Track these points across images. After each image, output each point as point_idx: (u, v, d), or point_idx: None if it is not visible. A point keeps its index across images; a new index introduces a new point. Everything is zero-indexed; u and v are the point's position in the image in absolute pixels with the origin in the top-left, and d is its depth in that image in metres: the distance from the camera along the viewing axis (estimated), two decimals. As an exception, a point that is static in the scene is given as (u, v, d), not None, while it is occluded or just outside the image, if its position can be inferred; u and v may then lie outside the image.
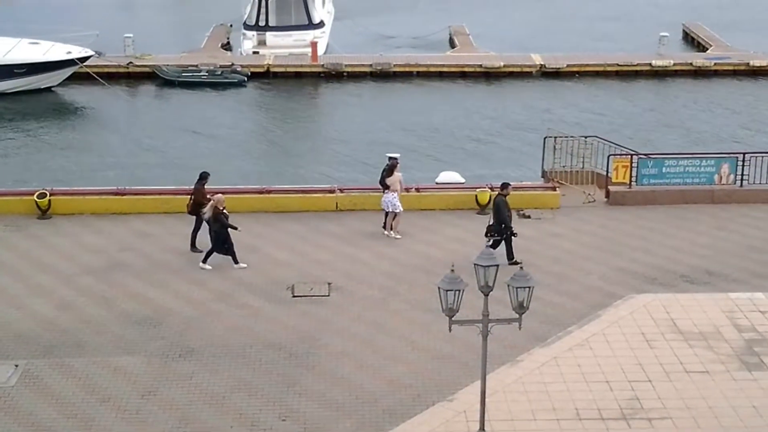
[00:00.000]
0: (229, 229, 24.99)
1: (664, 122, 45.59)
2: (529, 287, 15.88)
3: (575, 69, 52.86)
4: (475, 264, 15.88)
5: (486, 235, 24.82)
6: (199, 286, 24.01)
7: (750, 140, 41.96)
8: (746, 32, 61.75)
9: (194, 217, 25.99)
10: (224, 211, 25.06)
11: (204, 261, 25.16)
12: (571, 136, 31.66)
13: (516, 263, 24.01)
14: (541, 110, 46.70)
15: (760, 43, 57.33)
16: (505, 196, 25.35)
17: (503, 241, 24.89)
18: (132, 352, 20.89)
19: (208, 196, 25.67)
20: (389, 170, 27.29)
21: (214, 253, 25.13)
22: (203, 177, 26.45)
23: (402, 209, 27.17)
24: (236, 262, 25.14)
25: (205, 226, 25.56)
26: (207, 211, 24.94)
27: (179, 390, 19.40)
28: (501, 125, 44.85)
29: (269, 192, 29.73)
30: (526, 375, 18.96)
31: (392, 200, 27.09)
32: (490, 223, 25.10)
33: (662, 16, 65.64)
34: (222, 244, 25.06)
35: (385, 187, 27.14)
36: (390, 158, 28.02)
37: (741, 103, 48.44)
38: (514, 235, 24.98)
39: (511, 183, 26.41)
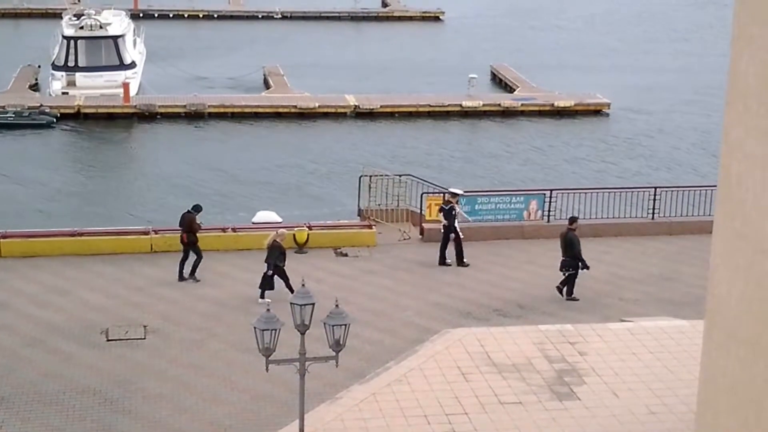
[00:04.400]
0: (284, 263, 25.33)
1: (476, 161, 46.83)
2: (345, 324, 15.97)
3: (389, 110, 53.76)
4: (291, 303, 15.91)
5: (561, 270, 25.61)
6: (8, 332, 23.15)
7: (556, 177, 43.50)
8: (550, 73, 64.21)
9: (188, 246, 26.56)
10: (280, 245, 25.28)
11: (291, 291, 24.60)
12: (386, 175, 32.17)
13: (575, 299, 25.20)
14: (356, 150, 47.27)
15: (564, 83, 59.73)
16: (574, 230, 25.76)
17: (570, 277, 25.50)
18: (-64, 404, 19.95)
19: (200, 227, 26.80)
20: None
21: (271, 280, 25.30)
22: (196, 208, 27.02)
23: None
24: (262, 297, 24.89)
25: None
26: (267, 241, 25.45)
27: (-13, 441, 18.65)
28: (317, 165, 45.14)
29: (81, 234, 29.01)
30: (345, 412, 19.01)
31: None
32: (564, 258, 25.52)
33: (471, 59, 67.50)
34: (280, 276, 25.14)
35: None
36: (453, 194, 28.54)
37: (547, 142, 50.23)
38: (587, 268, 25.55)
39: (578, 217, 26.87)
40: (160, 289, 26.01)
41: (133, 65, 56.91)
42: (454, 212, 28.08)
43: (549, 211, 30.69)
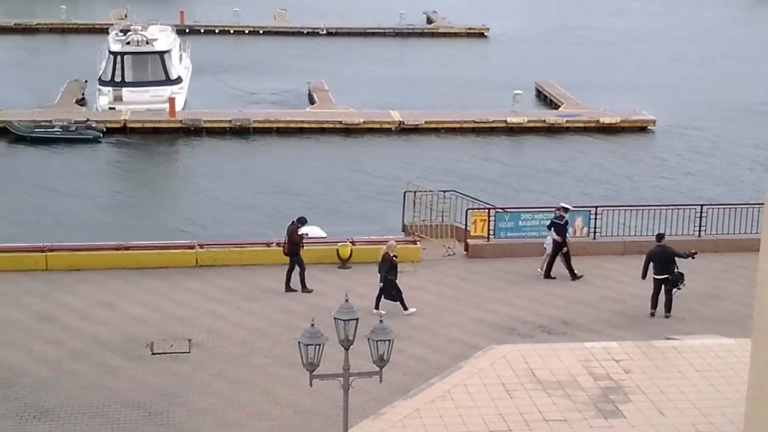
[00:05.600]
0: (396, 276, 25.39)
1: (520, 177, 46.67)
2: (390, 340, 15.93)
3: (433, 125, 53.75)
4: (335, 318, 15.89)
5: (674, 286, 25.49)
6: (54, 346, 23.34)
7: (601, 194, 43.23)
8: (596, 89, 63.94)
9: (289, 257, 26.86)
10: (394, 258, 25.27)
11: (376, 307, 25.04)
12: (430, 191, 32.12)
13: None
14: (400, 165, 47.25)
15: (609, 99, 59.44)
16: (664, 246, 25.76)
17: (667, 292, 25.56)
18: (-17, 415, 20.14)
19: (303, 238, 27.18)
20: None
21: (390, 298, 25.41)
22: (300, 220, 27.31)
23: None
24: (405, 309, 25.23)
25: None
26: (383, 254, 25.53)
27: (33, 453, 18.78)
28: (361, 180, 45.19)
29: (127, 248, 29.20)
30: (389, 428, 18.94)
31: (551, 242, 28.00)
32: (670, 276, 25.44)
33: (516, 75, 67.38)
34: (390, 290, 25.15)
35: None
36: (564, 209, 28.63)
37: (592, 158, 49.97)
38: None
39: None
40: (204, 303, 26.11)
41: (179, 80, 57.34)
42: (567, 227, 28.16)
43: (594, 227, 30.48)
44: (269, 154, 49.62)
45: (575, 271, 28.18)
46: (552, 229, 28.23)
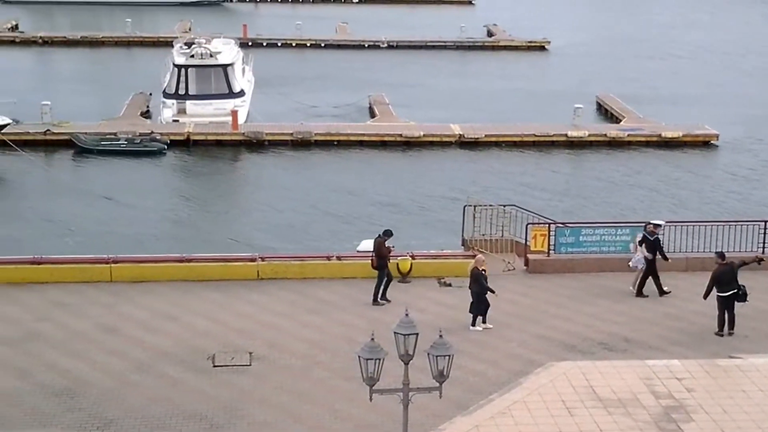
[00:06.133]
0: (488, 291, 25.45)
1: (580, 192, 46.43)
2: (450, 355, 15.97)
3: (493, 139, 53.65)
4: (395, 332, 15.96)
5: (743, 300, 25.49)
6: (118, 357, 23.68)
7: (662, 209, 42.84)
8: (658, 103, 63.45)
9: (377, 270, 27.02)
10: (483, 272, 25.36)
11: (473, 324, 25.30)
12: (490, 205, 32.09)
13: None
14: (460, 179, 47.23)
15: (671, 114, 58.94)
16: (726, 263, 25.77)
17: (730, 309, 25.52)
18: (48, 424, 20.48)
19: (390, 251, 27.30)
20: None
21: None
22: (386, 233, 27.43)
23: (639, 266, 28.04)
24: (473, 324, 25.42)
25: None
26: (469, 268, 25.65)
27: (97, 463, 19.06)
28: (421, 194, 45.24)
29: (189, 260, 29.53)
30: (448, 443, 18.97)
31: (640, 259, 27.89)
32: (739, 292, 25.44)
33: (577, 89, 67.07)
34: (479, 304, 25.28)
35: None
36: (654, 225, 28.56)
37: (654, 173, 49.55)
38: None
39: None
40: (265, 316, 26.33)
41: (241, 93, 57.85)
42: (660, 243, 28.04)
43: (656, 243, 30.21)
44: (330, 166, 49.88)
45: (663, 287, 28.06)
46: (643, 245, 28.04)
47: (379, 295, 27.13)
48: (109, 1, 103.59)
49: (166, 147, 51.14)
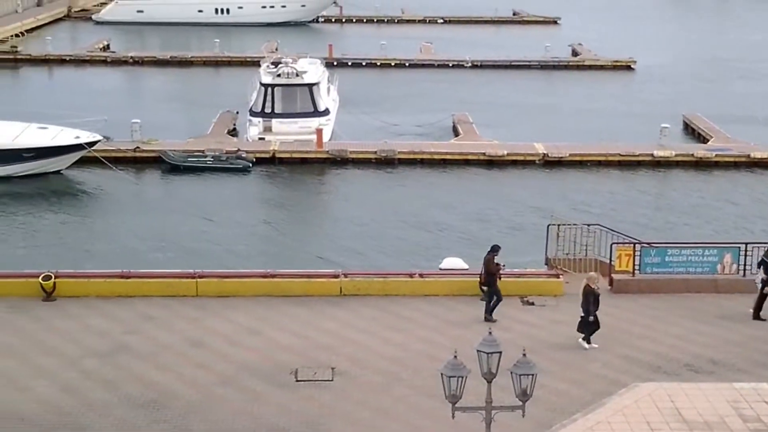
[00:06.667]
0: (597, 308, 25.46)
1: (666, 212, 45.87)
2: (533, 374, 15.92)
3: (578, 158, 53.30)
4: (478, 351, 15.95)
5: None
6: (204, 370, 24.01)
7: (752, 231, 42.14)
8: (746, 123, 62.44)
9: (486, 288, 27.19)
10: (595, 290, 25.36)
11: (587, 342, 25.48)
12: (574, 224, 31.89)
13: None
14: (544, 198, 47.00)
15: (760, 134, 57.96)
16: None
17: None
18: (135, 435, 20.85)
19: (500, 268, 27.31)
20: None
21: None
22: (494, 249, 27.54)
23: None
24: (584, 340, 25.47)
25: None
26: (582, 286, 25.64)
27: (182, 474, 19.32)
28: (504, 213, 45.11)
29: (273, 276, 29.83)
30: (530, 463, 18.87)
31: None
32: None
33: (663, 108, 66.34)
34: (587, 323, 25.42)
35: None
36: None
37: (742, 194, 48.75)
38: None
39: None
40: (348, 332, 26.48)
41: (326, 112, 58.33)
42: None
43: (745, 264, 29.74)
44: (413, 185, 50.00)
45: (759, 312, 27.52)
46: (762, 267, 27.63)
47: (490, 312, 27.03)
48: (198, 22, 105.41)
49: (251, 164, 51.75)
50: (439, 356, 23.29)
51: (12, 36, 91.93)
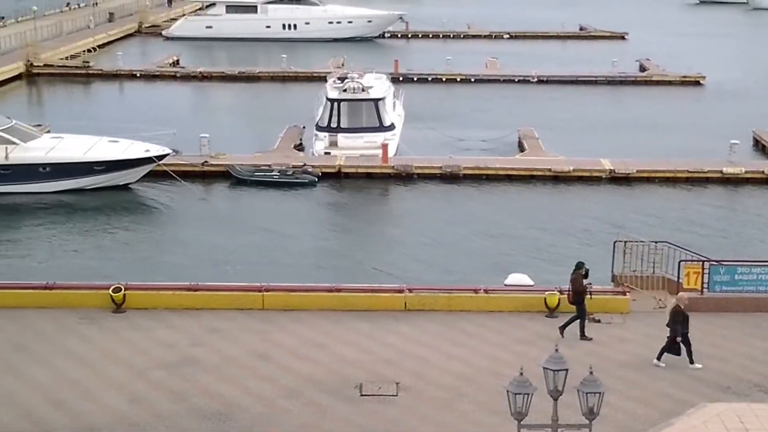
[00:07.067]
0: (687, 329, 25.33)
1: (736, 229, 45.27)
2: (600, 392, 15.81)
3: (645, 174, 52.82)
4: (544, 368, 15.89)
5: None
6: (269, 383, 24.20)
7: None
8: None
9: (575, 306, 27.12)
10: (682, 310, 25.23)
11: (691, 362, 25.42)
12: (641, 241, 31.63)
13: None
14: (610, 215, 46.63)
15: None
16: None
17: None
18: (201, 447, 21.05)
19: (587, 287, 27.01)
20: None
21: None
22: (579, 266, 27.44)
23: None
24: (692, 362, 25.32)
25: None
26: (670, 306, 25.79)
27: (247, 486, 19.47)
28: (570, 229, 44.83)
29: (339, 290, 29.99)
30: (595, 481, 18.68)
31: None
32: None
33: (732, 124, 65.55)
34: (675, 344, 25.31)
35: None
36: None
37: (814, 212, 47.99)
38: None
39: None
40: (412, 347, 26.51)
41: (392, 127, 58.45)
42: None
43: (813, 284, 29.30)
44: (478, 200, 49.92)
45: None
46: None
47: (582, 331, 26.88)
48: (266, 37, 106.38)
49: (317, 179, 52.05)
50: (503, 372, 23.27)
51: (84, 51, 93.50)
